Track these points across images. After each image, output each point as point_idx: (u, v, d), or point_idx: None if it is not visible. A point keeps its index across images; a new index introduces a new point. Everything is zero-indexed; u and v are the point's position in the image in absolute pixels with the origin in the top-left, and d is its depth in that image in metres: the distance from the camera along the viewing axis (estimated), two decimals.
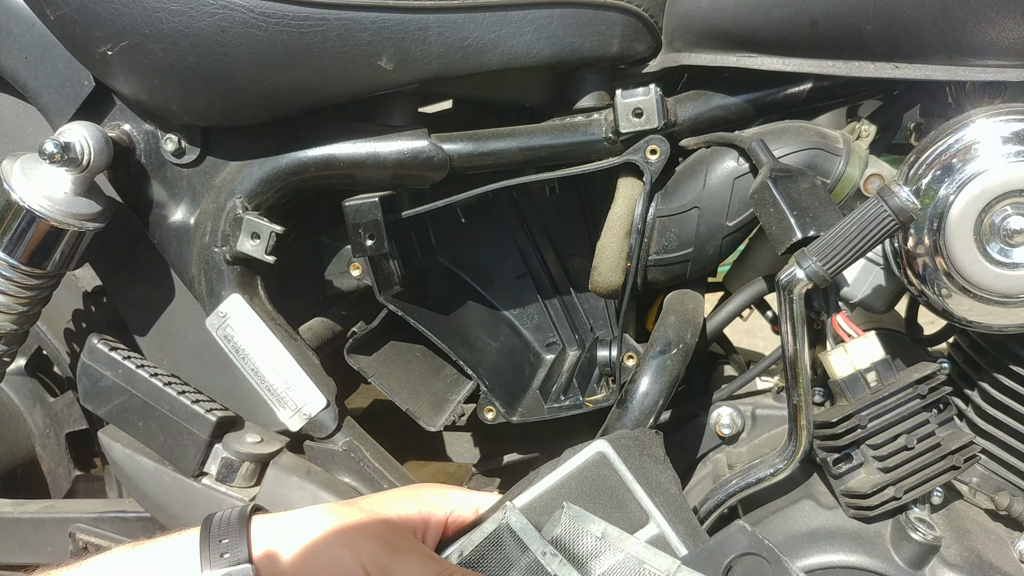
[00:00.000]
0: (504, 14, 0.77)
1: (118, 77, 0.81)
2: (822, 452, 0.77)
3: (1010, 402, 0.79)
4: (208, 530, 0.65)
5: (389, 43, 0.76)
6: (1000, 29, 0.70)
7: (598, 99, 0.86)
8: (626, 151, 0.84)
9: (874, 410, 0.73)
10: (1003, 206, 0.70)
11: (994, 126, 0.70)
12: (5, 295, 0.84)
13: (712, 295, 0.98)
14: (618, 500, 0.70)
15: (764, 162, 0.78)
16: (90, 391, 0.90)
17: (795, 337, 0.72)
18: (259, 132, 0.85)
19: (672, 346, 0.83)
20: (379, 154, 0.84)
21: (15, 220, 0.80)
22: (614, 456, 0.71)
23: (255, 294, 0.88)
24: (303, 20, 0.75)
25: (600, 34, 0.79)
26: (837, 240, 0.69)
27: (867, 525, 0.76)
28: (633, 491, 0.70)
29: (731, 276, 0.96)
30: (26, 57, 0.85)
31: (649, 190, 0.84)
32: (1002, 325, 0.74)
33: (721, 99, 0.84)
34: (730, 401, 0.91)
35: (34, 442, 1.13)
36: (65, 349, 1.08)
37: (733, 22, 0.77)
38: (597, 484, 0.71)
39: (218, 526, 0.65)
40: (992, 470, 0.81)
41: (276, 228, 0.83)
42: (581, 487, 0.71)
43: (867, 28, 0.72)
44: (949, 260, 0.72)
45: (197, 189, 0.88)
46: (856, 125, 0.87)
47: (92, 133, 0.81)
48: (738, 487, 0.78)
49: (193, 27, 0.74)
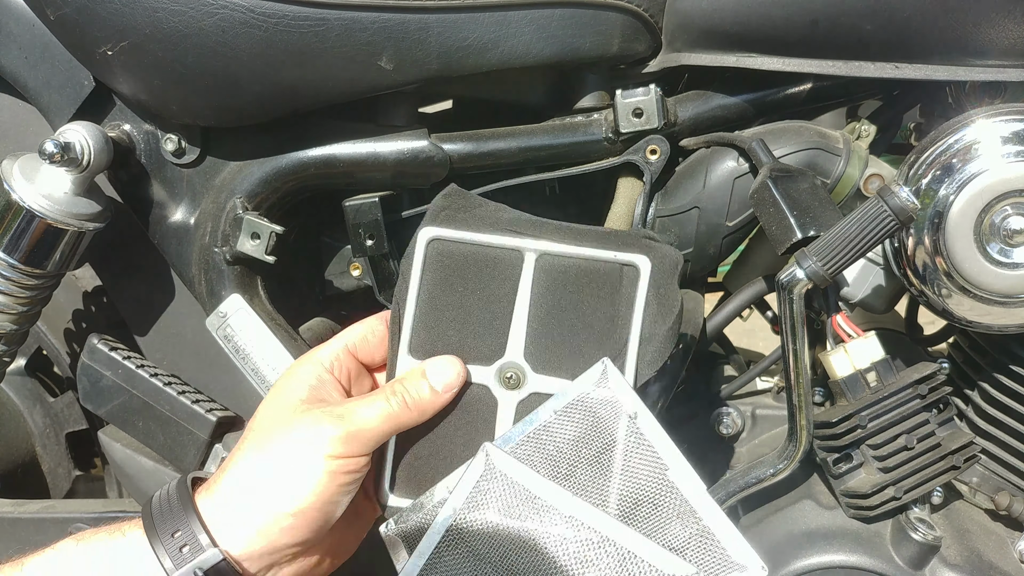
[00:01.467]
0: (504, 14, 0.77)
1: (118, 77, 0.81)
2: (822, 452, 0.77)
3: (1010, 402, 0.79)
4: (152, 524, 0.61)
5: (389, 43, 0.76)
6: (1000, 29, 0.70)
7: (598, 99, 0.86)
8: (626, 151, 0.84)
9: (874, 410, 0.73)
10: (1003, 206, 0.70)
11: (994, 126, 0.70)
12: (5, 295, 0.84)
13: (712, 295, 0.98)
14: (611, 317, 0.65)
15: (764, 162, 0.78)
16: (90, 391, 0.90)
17: (795, 337, 0.72)
18: (259, 132, 0.85)
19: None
20: (379, 154, 0.84)
21: (15, 220, 0.80)
22: (645, 278, 0.64)
23: (255, 294, 0.88)
24: (303, 20, 0.75)
25: (600, 34, 0.79)
26: (837, 240, 0.69)
27: (867, 525, 0.76)
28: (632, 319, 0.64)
29: (731, 276, 0.96)
30: (26, 57, 0.85)
31: (649, 190, 0.84)
32: (1002, 325, 0.74)
33: (721, 99, 0.84)
34: (730, 401, 0.91)
35: (34, 442, 1.13)
36: (65, 349, 1.08)
37: (733, 22, 0.77)
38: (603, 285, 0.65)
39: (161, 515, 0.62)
40: (992, 470, 0.81)
41: (276, 228, 0.83)
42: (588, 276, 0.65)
43: (867, 28, 0.73)
44: (949, 260, 0.72)
45: (197, 189, 0.88)
46: (856, 125, 0.87)
47: (92, 133, 0.81)
48: (738, 487, 0.78)
49: (193, 27, 0.74)
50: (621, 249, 0.65)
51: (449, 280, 0.67)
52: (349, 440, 0.61)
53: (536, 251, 0.65)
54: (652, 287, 0.64)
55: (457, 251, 0.67)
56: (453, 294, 0.66)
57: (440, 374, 0.64)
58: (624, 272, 0.65)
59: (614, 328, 0.65)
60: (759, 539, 0.79)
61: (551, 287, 0.65)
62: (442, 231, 0.67)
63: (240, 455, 0.63)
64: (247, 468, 0.62)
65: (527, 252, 0.66)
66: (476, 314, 0.66)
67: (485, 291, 0.66)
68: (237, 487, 0.62)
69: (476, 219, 0.67)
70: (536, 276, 0.66)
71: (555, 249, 0.65)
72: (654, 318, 0.64)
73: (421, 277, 0.67)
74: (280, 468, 0.61)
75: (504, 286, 0.66)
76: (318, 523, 0.62)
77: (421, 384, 0.64)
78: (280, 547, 0.62)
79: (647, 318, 0.64)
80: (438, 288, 0.67)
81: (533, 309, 0.65)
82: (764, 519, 0.79)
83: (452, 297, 0.66)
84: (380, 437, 0.63)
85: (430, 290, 0.67)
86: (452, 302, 0.66)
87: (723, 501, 0.79)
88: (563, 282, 0.65)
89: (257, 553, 0.61)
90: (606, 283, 0.65)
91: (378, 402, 0.63)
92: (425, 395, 0.64)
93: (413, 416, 0.64)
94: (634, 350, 0.64)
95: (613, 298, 0.65)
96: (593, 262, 0.65)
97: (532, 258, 0.66)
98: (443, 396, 0.64)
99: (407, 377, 0.65)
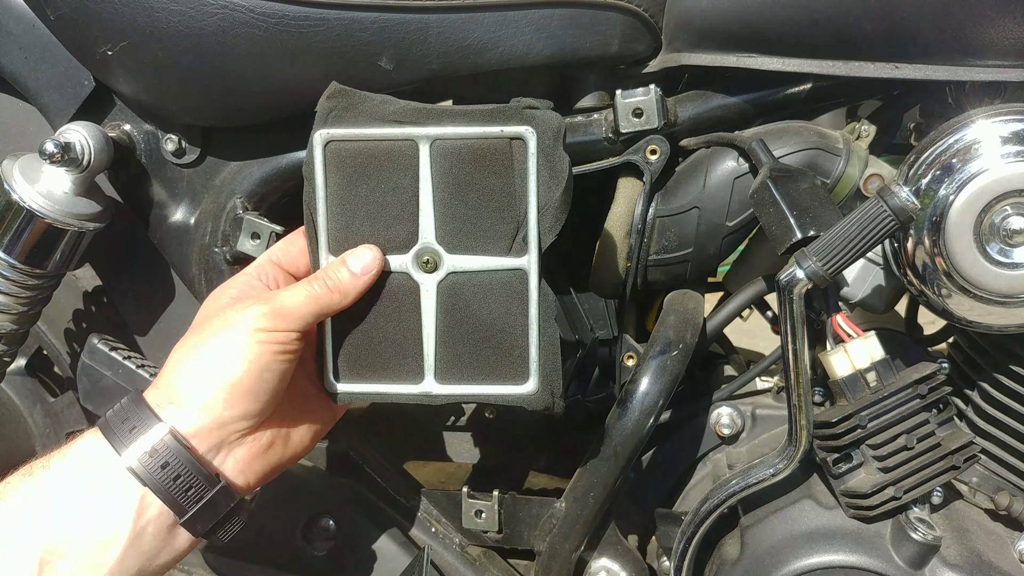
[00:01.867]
0: (504, 14, 0.77)
1: (118, 77, 0.81)
2: (822, 452, 0.77)
3: (1010, 402, 0.79)
4: (107, 423, 0.66)
5: (389, 43, 0.76)
6: (1000, 29, 0.70)
7: (598, 99, 0.86)
8: (626, 151, 0.84)
9: (874, 410, 0.73)
10: (1003, 206, 0.70)
11: (994, 126, 0.70)
12: (5, 295, 0.84)
13: (712, 295, 0.98)
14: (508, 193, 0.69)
15: (764, 162, 0.78)
16: (90, 391, 0.90)
17: (795, 337, 0.72)
18: (259, 132, 0.85)
19: (672, 346, 0.83)
20: None
21: (15, 220, 0.80)
22: (533, 148, 0.68)
23: None
24: (303, 20, 0.75)
25: (600, 34, 0.79)
26: (837, 240, 0.69)
27: (867, 525, 0.76)
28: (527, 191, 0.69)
29: (731, 276, 0.96)
30: (26, 57, 0.85)
31: (649, 190, 0.84)
32: (1002, 325, 0.74)
33: (721, 99, 0.84)
34: (730, 401, 0.91)
35: (34, 442, 1.13)
36: (65, 349, 1.08)
37: (733, 22, 0.77)
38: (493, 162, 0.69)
39: (114, 415, 0.66)
40: (992, 470, 0.81)
41: (276, 228, 0.83)
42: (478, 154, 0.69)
43: (867, 28, 0.73)
44: (949, 260, 0.72)
45: (197, 189, 0.88)
46: (856, 125, 0.87)
47: (92, 133, 0.81)
48: (738, 487, 0.78)
49: (193, 27, 0.74)
50: (507, 123, 0.68)
51: (352, 178, 0.70)
52: (275, 316, 0.66)
53: (428, 137, 0.69)
54: (542, 156, 0.68)
55: (354, 149, 0.70)
56: (359, 191, 0.70)
57: (357, 258, 0.69)
58: (513, 146, 0.68)
59: (513, 201, 0.69)
60: (759, 539, 0.79)
61: (449, 170, 0.69)
62: (334, 131, 0.70)
63: (178, 348, 0.68)
64: (184, 355, 0.67)
65: (420, 141, 0.69)
66: (385, 207, 0.70)
67: (388, 183, 0.70)
68: (176, 372, 0.67)
69: (365, 115, 0.70)
70: (433, 162, 0.69)
71: (445, 133, 0.68)
72: (547, 185, 0.68)
73: (325, 179, 0.70)
74: (213, 346, 0.66)
75: (405, 176, 0.69)
76: (257, 393, 0.66)
77: (340, 269, 0.69)
78: (225, 421, 0.66)
79: (541, 186, 0.68)
80: (343, 187, 0.70)
81: (437, 194, 0.69)
82: (764, 519, 0.79)
83: (359, 194, 0.70)
84: (306, 315, 0.67)
85: (336, 191, 0.70)
86: (360, 198, 0.70)
87: (723, 501, 0.79)
88: (459, 163, 0.69)
89: (205, 429, 0.65)
90: (498, 158, 0.68)
91: (301, 286, 0.68)
92: (345, 277, 0.69)
93: (335, 298, 0.68)
94: (534, 218, 0.68)
95: (507, 172, 0.68)
96: (482, 140, 0.68)
97: (426, 145, 0.69)
98: (362, 278, 0.69)
99: (329, 266, 0.70)
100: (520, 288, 0.69)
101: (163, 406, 0.66)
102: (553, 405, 0.71)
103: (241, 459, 0.68)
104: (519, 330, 0.70)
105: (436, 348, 0.71)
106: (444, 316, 0.71)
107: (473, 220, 0.69)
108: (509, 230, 0.69)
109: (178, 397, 0.66)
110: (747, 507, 0.82)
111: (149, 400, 0.66)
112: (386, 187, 0.70)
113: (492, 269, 0.70)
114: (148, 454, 0.63)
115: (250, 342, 0.65)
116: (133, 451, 0.64)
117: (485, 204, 0.69)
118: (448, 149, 0.69)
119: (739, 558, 0.80)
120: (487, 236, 0.69)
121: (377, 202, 0.70)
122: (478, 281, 0.70)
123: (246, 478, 0.69)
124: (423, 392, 0.72)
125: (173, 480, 0.64)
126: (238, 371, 0.65)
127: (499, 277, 0.70)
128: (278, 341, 0.66)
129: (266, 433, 0.69)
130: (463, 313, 0.71)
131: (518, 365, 0.71)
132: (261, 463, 0.69)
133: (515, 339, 0.70)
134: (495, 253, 0.69)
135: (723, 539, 0.85)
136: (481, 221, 0.69)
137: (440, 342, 0.71)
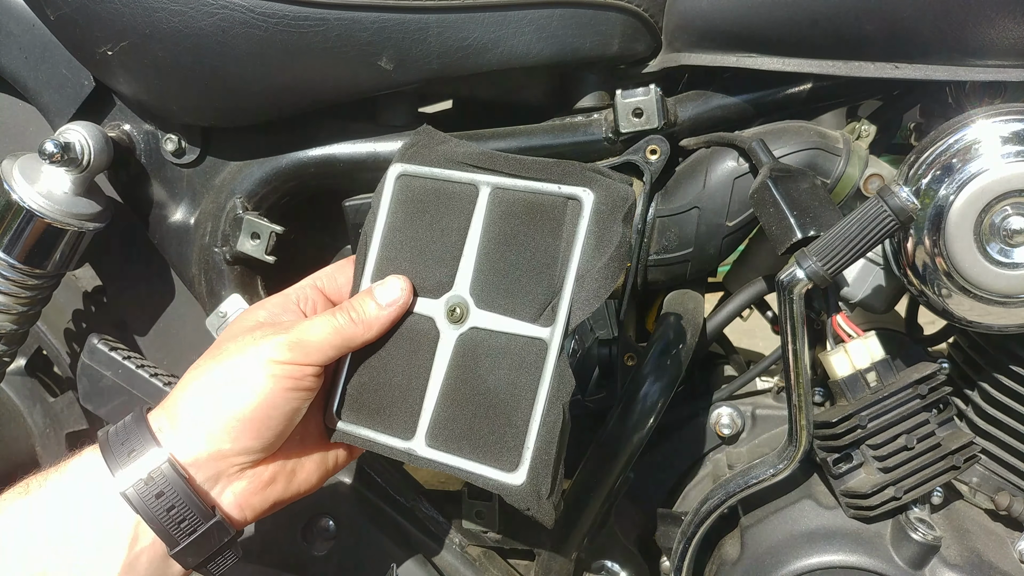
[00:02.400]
0: (504, 14, 0.77)
1: (118, 77, 0.81)
2: (822, 452, 0.77)
3: (1010, 402, 0.79)
4: (107, 441, 0.63)
5: (389, 43, 0.76)
6: (1000, 29, 0.70)
7: (598, 99, 0.86)
8: (626, 151, 0.84)
9: (874, 410, 0.73)
10: (1003, 206, 0.70)
11: (994, 126, 0.70)
12: (5, 295, 0.84)
13: (712, 295, 0.98)
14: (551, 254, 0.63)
15: (764, 162, 0.78)
16: (90, 391, 0.90)
17: (795, 337, 0.72)
18: (259, 132, 0.85)
19: (672, 346, 0.83)
20: (379, 154, 0.84)
21: (15, 220, 0.80)
22: (587, 213, 0.62)
23: (255, 294, 0.88)
24: (303, 20, 0.75)
25: (600, 34, 0.79)
26: (837, 240, 0.69)
27: (867, 525, 0.76)
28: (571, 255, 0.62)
29: (731, 276, 0.96)
30: (26, 57, 0.85)
31: (649, 190, 0.84)
32: (1002, 325, 0.74)
33: (721, 99, 0.84)
34: (730, 401, 0.91)
35: (34, 442, 1.13)
36: (65, 349, 1.08)
37: (733, 22, 0.77)
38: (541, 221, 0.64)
39: (115, 434, 0.63)
40: (992, 470, 0.81)
41: (276, 228, 0.83)
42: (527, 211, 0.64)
43: (867, 28, 0.72)
44: (949, 260, 0.72)
45: (197, 189, 0.88)
46: (856, 125, 0.87)
47: (92, 133, 0.81)
48: (738, 487, 0.78)
49: (193, 27, 0.74)
50: (567, 182, 0.63)
51: (412, 214, 0.68)
52: (294, 347, 0.62)
53: (490, 185, 0.66)
54: (593, 222, 0.61)
55: (421, 186, 0.68)
56: (413, 227, 0.68)
57: (385, 290, 0.66)
58: (568, 206, 0.62)
59: (554, 265, 0.62)
60: (759, 539, 0.79)
61: (501, 220, 0.65)
62: (408, 167, 0.68)
63: (193, 370, 0.65)
64: (195, 377, 0.64)
65: (482, 186, 0.66)
66: (431, 246, 0.67)
67: (441, 224, 0.67)
68: (184, 395, 0.63)
69: (441, 155, 0.68)
70: (488, 210, 0.66)
71: (506, 183, 0.65)
72: (591, 253, 0.61)
73: (389, 211, 0.68)
74: (226, 373, 0.62)
75: (459, 219, 0.66)
76: (262, 430, 0.63)
77: (367, 300, 0.66)
78: (227, 453, 0.63)
79: (585, 254, 0.61)
80: (401, 221, 0.68)
81: (483, 243, 0.66)
82: (764, 519, 0.79)
83: (412, 230, 0.68)
84: (328, 348, 0.64)
85: (393, 223, 0.68)
86: (411, 234, 0.68)
87: (723, 501, 0.79)
88: (512, 215, 0.65)
89: (204, 459, 0.62)
90: (551, 217, 0.63)
91: (325, 317, 0.65)
92: (371, 310, 0.66)
93: (359, 331, 0.65)
94: (568, 288, 0.62)
95: (556, 233, 0.63)
96: (539, 195, 0.64)
97: (487, 192, 0.66)
98: (387, 311, 0.66)
99: (355, 297, 0.67)
100: (535, 361, 0.62)
101: (165, 430, 0.63)
102: (537, 508, 0.61)
103: (240, 493, 0.65)
104: (522, 409, 0.62)
105: (436, 405, 0.66)
106: (453, 372, 0.65)
107: (510, 277, 0.64)
108: (542, 295, 0.62)
109: (181, 422, 0.62)
110: (747, 507, 0.82)
111: (152, 421, 0.63)
112: (437, 227, 0.67)
113: (513, 333, 0.63)
114: (144, 481, 0.60)
115: (264, 374, 0.61)
116: (128, 475, 0.61)
117: (526, 262, 0.64)
118: (505, 199, 0.65)
119: (739, 558, 0.80)
120: (519, 297, 0.63)
121: (425, 241, 0.67)
122: (495, 343, 0.64)
123: (243, 513, 0.65)
124: (408, 450, 0.66)
125: (167, 511, 0.61)
126: (246, 404, 0.61)
127: (517, 344, 0.63)
128: (293, 376, 0.62)
129: (269, 468, 0.66)
130: (471, 374, 0.65)
131: (510, 449, 0.62)
132: (260, 498, 0.66)
133: (515, 419, 0.62)
134: (522, 317, 0.63)
135: (723, 539, 0.85)
136: (517, 279, 0.64)
137: (441, 400, 0.66)
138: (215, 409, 0.62)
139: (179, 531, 0.62)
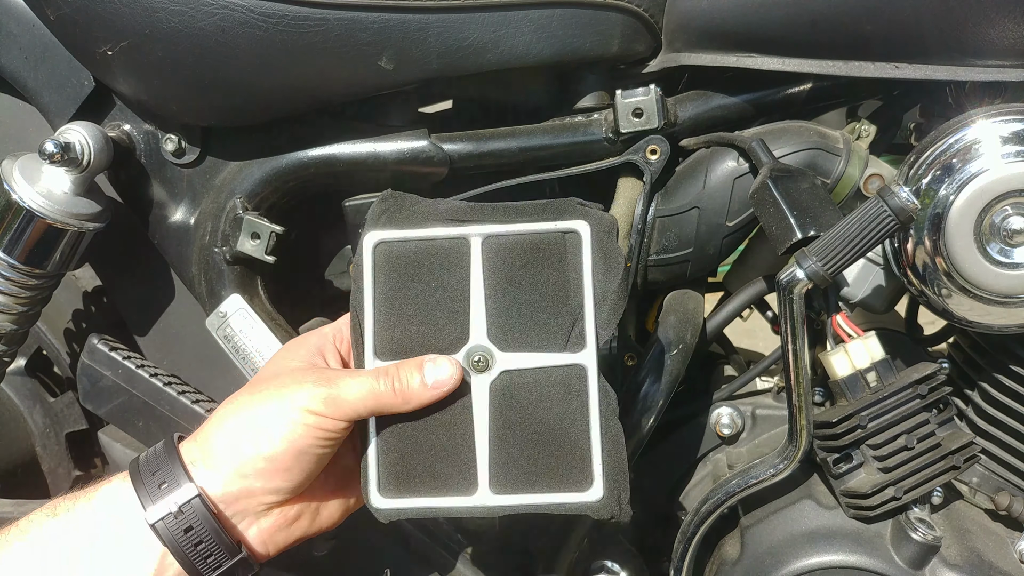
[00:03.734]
0: (504, 14, 0.77)
1: (118, 77, 0.81)
2: (822, 452, 0.77)
3: (1010, 402, 0.79)
4: (136, 468, 0.64)
5: (389, 43, 0.76)
6: (1000, 29, 0.70)
7: (598, 99, 0.86)
8: (626, 151, 0.84)
9: (874, 410, 0.73)
10: (1003, 206, 0.70)
11: (994, 126, 0.70)
12: (5, 295, 0.84)
13: (712, 295, 0.98)
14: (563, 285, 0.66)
15: (764, 162, 0.78)
16: (90, 391, 0.90)
17: (795, 337, 0.72)
18: (259, 132, 0.85)
19: (672, 346, 0.83)
20: (379, 154, 0.84)
21: (15, 220, 0.80)
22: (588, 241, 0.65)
23: (255, 294, 0.88)
24: (303, 20, 0.75)
25: (600, 34, 0.79)
26: (837, 240, 0.69)
27: (867, 525, 0.76)
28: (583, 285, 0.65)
29: (731, 276, 0.96)
30: (26, 57, 0.85)
31: (649, 190, 0.84)
32: (1002, 325, 0.74)
33: (721, 99, 0.84)
34: (730, 401, 0.91)
35: (34, 442, 1.13)
36: (65, 349, 1.08)
37: (733, 22, 0.77)
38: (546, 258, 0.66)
39: (146, 462, 0.64)
40: (992, 470, 0.81)
41: (276, 228, 0.83)
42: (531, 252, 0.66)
43: (867, 28, 0.72)
44: (949, 260, 0.72)
45: (197, 189, 0.88)
46: (856, 125, 0.87)
47: (92, 133, 0.81)
48: (738, 487, 0.78)
49: (193, 27, 0.74)
50: (560, 218, 0.66)
51: (402, 279, 0.67)
52: (329, 402, 0.63)
53: (480, 235, 0.66)
54: (596, 248, 0.65)
55: (404, 250, 0.67)
56: (408, 291, 0.67)
57: (436, 370, 0.65)
58: (567, 239, 0.66)
59: (568, 294, 0.65)
60: (759, 539, 0.79)
61: (501, 267, 0.66)
62: (385, 233, 0.67)
63: (229, 404, 0.65)
64: (230, 413, 0.65)
65: (472, 238, 0.66)
66: (435, 306, 0.67)
67: (438, 282, 0.67)
68: (219, 430, 0.64)
69: (416, 216, 0.68)
70: (485, 259, 0.66)
71: (497, 230, 0.66)
72: (603, 277, 0.65)
73: (374, 281, 0.67)
74: (259, 414, 0.63)
75: (456, 274, 0.66)
76: (291, 472, 0.63)
77: (413, 374, 0.65)
78: (256, 492, 0.64)
79: (597, 278, 0.65)
80: (392, 289, 0.67)
81: (489, 291, 0.66)
82: (764, 519, 0.79)
83: (408, 294, 0.67)
84: (360, 409, 0.64)
85: (385, 292, 0.67)
86: (409, 299, 0.67)
87: (723, 501, 0.79)
88: (511, 259, 0.66)
89: (233, 495, 0.63)
90: (552, 253, 0.66)
91: (367, 378, 0.64)
92: (414, 385, 0.64)
93: (396, 401, 0.64)
94: (591, 311, 0.65)
95: (561, 265, 0.66)
96: (536, 235, 0.66)
97: (478, 243, 0.66)
98: (431, 392, 0.65)
99: (403, 364, 0.65)
100: (579, 385, 0.65)
101: (196, 463, 0.63)
102: (620, 514, 0.65)
103: (265, 529, 0.66)
104: (580, 431, 0.64)
105: (490, 454, 0.65)
106: (498, 418, 0.65)
107: (526, 316, 0.66)
108: (564, 325, 0.65)
109: (213, 458, 0.63)
110: (747, 507, 0.82)
111: (184, 453, 0.64)
112: (436, 286, 0.66)
113: (548, 366, 0.65)
114: (174, 515, 0.61)
115: (297, 421, 0.62)
116: (159, 508, 0.62)
117: (539, 299, 0.65)
118: (501, 245, 0.66)
119: (739, 558, 0.80)
120: (541, 332, 0.65)
121: (427, 302, 0.66)
122: (533, 379, 0.65)
123: (267, 548, 0.66)
124: (479, 505, 0.66)
125: (194, 546, 0.62)
126: (276, 447, 0.62)
127: (556, 374, 0.65)
128: (325, 428, 0.63)
129: (295, 507, 0.67)
130: (518, 414, 0.65)
131: (581, 469, 0.64)
132: (284, 535, 0.67)
133: (576, 441, 0.65)
134: (550, 349, 0.65)
135: (723, 539, 0.85)
136: (535, 317, 0.65)
137: (494, 447, 0.65)
138: (249, 449, 0.63)
139: (205, 565, 0.63)
